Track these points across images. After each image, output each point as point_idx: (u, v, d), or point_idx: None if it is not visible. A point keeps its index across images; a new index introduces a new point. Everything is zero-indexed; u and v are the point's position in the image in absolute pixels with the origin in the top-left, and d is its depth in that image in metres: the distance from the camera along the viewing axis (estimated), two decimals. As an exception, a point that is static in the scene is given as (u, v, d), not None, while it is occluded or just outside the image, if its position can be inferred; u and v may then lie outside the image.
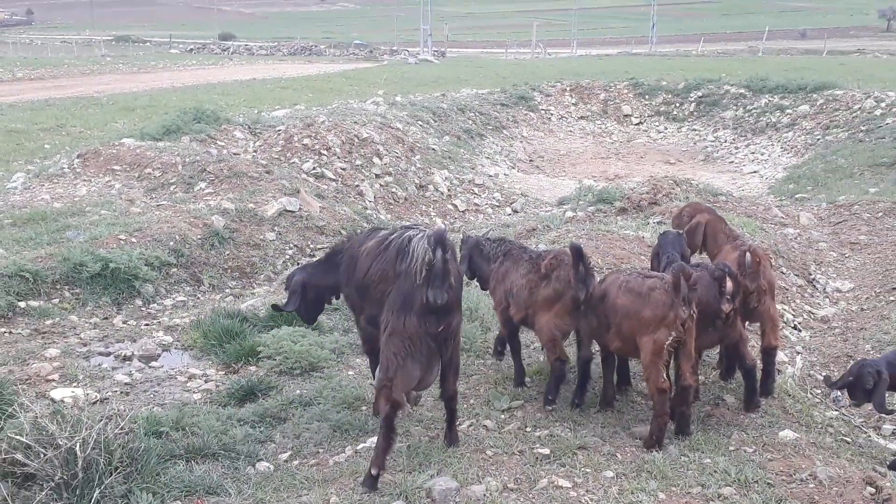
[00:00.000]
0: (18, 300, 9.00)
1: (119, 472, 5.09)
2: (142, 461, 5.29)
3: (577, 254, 6.05)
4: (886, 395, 5.90)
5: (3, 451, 5.22)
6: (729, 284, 5.82)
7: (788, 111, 24.30)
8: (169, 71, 48.95)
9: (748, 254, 6.46)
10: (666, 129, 26.78)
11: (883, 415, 6.36)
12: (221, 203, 12.31)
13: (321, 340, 7.90)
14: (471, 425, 6.17)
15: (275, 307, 6.88)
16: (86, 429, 5.09)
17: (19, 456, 5.10)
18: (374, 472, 5.27)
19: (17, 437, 5.15)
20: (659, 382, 5.69)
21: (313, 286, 6.63)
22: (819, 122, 22.77)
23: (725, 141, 24.69)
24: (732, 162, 22.91)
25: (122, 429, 5.29)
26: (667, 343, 5.64)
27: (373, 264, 5.83)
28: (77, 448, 4.99)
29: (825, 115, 22.99)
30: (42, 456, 5.02)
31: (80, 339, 8.36)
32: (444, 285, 5.41)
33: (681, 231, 7.34)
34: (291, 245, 12.03)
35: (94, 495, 4.90)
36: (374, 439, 5.85)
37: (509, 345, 6.98)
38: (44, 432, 5.15)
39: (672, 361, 5.90)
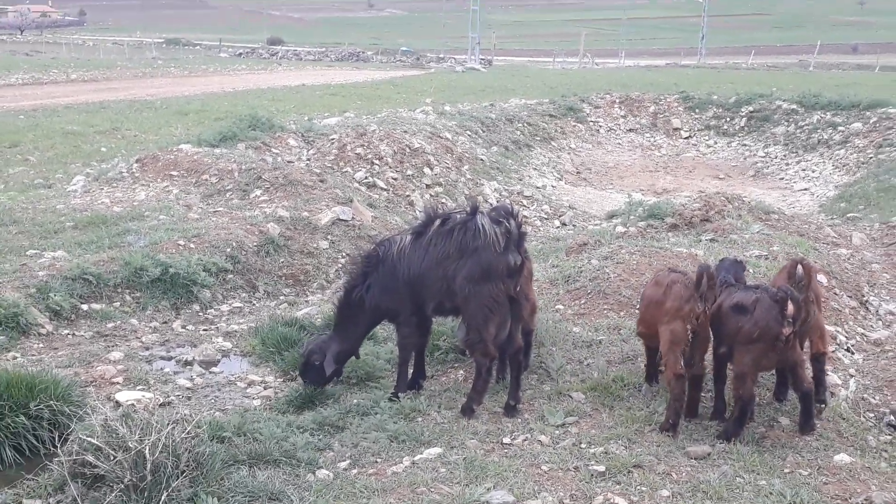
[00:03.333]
0: (81, 303, 9.25)
1: (185, 476, 5.22)
2: (207, 465, 5.43)
3: None
4: None
5: (75, 452, 5.40)
6: (790, 307, 5.86)
7: (841, 128, 24.06)
8: (219, 75, 49.60)
9: (800, 266, 6.55)
10: (716, 143, 26.63)
11: None
12: (277, 210, 12.50)
13: (377, 350, 8.03)
14: (525, 440, 6.26)
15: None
16: (155, 432, 5.24)
17: (90, 458, 5.26)
18: (474, 406, 6.75)
19: (89, 438, 5.32)
20: (676, 369, 6.23)
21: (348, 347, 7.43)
22: (872, 140, 22.53)
23: (776, 157, 24.51)
24: (783, 178, 22.74)
25: (188, 433, 5.43)
26: (684, 334, 6.20)
27: (428, 251, 6.83)
28: (146, 451, 5.13)
29: (878, 134, 22.74)
30: (112, 458, 5.17)
31: (142, 342, 8.58)
32: (521, 249, 6.56)
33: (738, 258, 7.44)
34: (344, 254, 12.18)
35: (162, 498, 5.04)
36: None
37: None
38: (114, 434, 5.30)
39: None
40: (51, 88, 36.52)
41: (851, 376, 7.75)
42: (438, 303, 6.96)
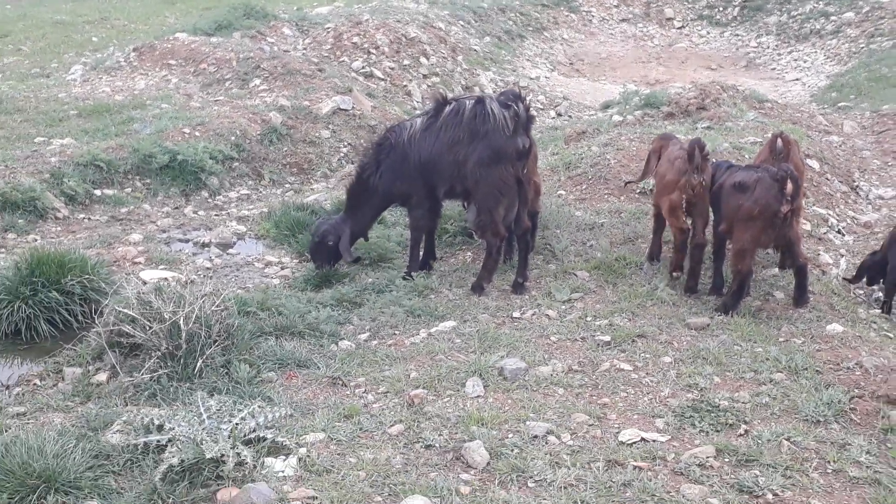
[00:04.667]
0: (94, 188, 9.47)
1: (217, 345, 5.53)
2: (237, 336, 5.75)
3: None
4: None
5: (111, 323, 5.69)
6: (789, 186, 6.14)
7: (833, 18, 23.92)
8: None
9: (779, 140, 6.94)
10: (708, 33, 26.41)
11: None
12: (277, 100, 12.60)
13: (387, 233, 8.30)
14: (534, 314, 6.60)
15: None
16: (187, 304, 5.54)
17: (126, 328, 5.56)
18: (484, 284, 7.06)
19: (125, 310, 5.60)
20: (679, 224, 6.95)
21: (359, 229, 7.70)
22: (864, 30, 22.46)
23: (768, 47, 24.40)
24: (775, 69, 22.72)
25: (217, 306, 5.73)
26: (679, 202, 6.86)
27: (439, 136, 6.97)
28: (181, 321, 5.43)
29: (870, 23, 22.64)
30: (148, 328, 5.47)
31: (158, 226, 8.81)
32: (528, 132, 6.80)
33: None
34: (346, 143, 12.33)
35: (198, 364, 5.37)
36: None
37: None
38: (148, 307, 5.59)
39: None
40: (32, -23, 35.70)
41: (842, 256, 8.10)
42: (450, 186, 7.19)
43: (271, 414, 4.78)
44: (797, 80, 20.94)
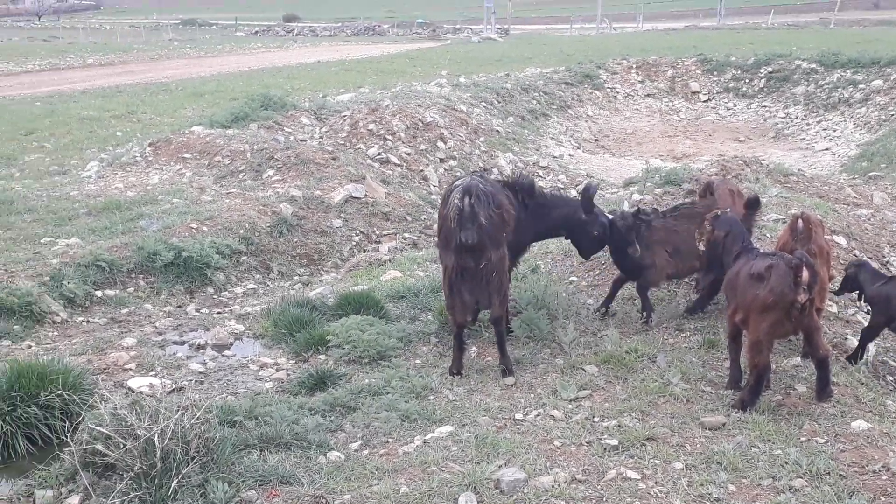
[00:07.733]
0: (95, 289, 9.26)
1: (196, 462, 5.19)
2: (217, 451, 5.39)
3: None
4: None
5: (85, 441, 5.38)
6: (805, 274, 5.72)
7: (861, 86, 23.65)
8: (235, 55, 49.54)
9: (800, 220, 6.56)
10: (735, 105, 26.26)
11: None
12: (289, 190, 12.45)
13: (388, 329, 7.95)
14: (538, 415, 6.19)
15: None
16: (163, 419, 5.21)
17: (100, 447, 5.24)
18: (454, 370, 7.07)
19: (98, 427, 5.30)
20: None
21: None
22: (893, 97, 22.13)
23: (796, 117, 24.14)
24: (804, 139, 22.41)
25: (197, 419, 5.39)
26: None
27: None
28: (156, 439, 5.10)
29: (900, 90, 22.36)
30: (122, 446, 5.15)
31: (156, 327, 8.55)
32: (473, 227, 6.58)
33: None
34: (358, 232, 12.13)
35: (172, 485, 5.01)
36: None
37: None
38: (123, 423, 5.28)
39: None
40: (68, 74, 36.61)
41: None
42: None
43: (241, 543, 4.42)
44: (827, 149, 20.56)
